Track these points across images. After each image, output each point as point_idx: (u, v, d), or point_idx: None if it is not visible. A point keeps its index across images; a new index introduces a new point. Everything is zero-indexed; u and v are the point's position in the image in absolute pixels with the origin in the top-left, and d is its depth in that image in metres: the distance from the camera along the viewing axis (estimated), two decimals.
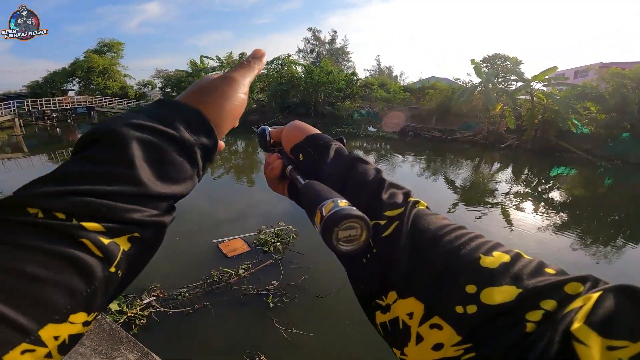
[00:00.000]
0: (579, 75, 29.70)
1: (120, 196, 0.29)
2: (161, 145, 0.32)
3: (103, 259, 0.28)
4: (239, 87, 0.41)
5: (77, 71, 34.16)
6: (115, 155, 0.30)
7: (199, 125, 0.36)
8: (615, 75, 14.97)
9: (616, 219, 8.49)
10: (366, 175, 0.42)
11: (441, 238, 0.33)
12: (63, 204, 0.27)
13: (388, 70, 52.33)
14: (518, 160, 14.99)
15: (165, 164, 0.32)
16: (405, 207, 0.37)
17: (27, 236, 0.25)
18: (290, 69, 27.84)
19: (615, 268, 5.61)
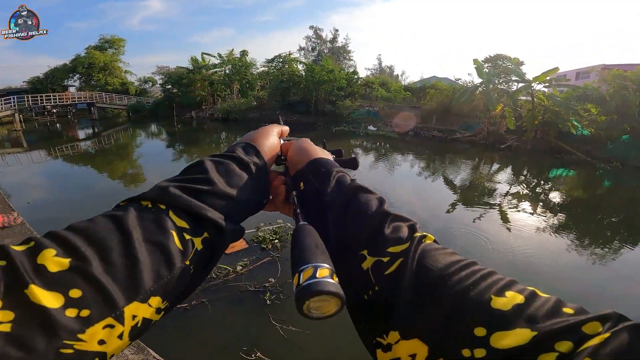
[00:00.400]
0: (581, 77, 29.70)
1: (200, 193, 0.39)
2: (226, 162, 0.45)
3: (182, 251, 0.35)
4: (272, 132, 0.57)
5: (78, 67, 34.09)
6: (197, 169, 0.43)
7: (251, 150, 0.50)
8: (617, 77, 14.95)
9: (614, 221, 8.50)
10: (368, 206, 0.41)
11: (450, 277, 0.32)
12: (164, 197, 0.37)
13: (389, 70, 52.27)
14: (517, 161, 14.99)
15: (230, 174, 0.44)
16: (411, 243, 0.36)
17: (133, 223, 0.33)
18: (291, 67, 27.81)
19: (612, 269, 5.61)
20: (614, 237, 7.22)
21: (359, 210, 0.41)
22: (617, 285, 5.12)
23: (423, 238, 0.37)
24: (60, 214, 7.05)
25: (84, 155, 15.10)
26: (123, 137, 22.18)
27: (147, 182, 10.11)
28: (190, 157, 14.61)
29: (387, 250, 0.36)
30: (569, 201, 9.80)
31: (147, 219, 0.34)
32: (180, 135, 22.03)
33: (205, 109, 28.98)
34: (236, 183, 0.44)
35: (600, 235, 7.23)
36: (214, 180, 0.41)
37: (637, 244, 6.74)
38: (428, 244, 0.37)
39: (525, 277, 5.11)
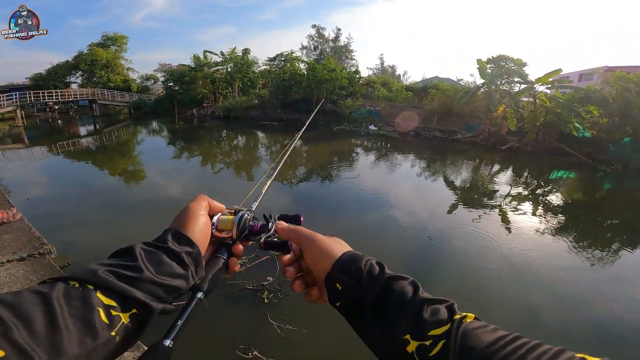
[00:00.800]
0: (584, 78, 29.61)
1: (129, 279, 0.44)
2: (156, 252, 0.49)
3: (108, 324, 0.40)
4: (197, 214, 0.58)
5: (81, 64, 34.14)
6: (127, 257, 0.47)
7: (182, 239, 0.53)
8: (620, 79, 14.88)
9: (613, 223, 8.48)
10: (404, 294, 0.45)
11: (495, 353, 0.33)
12: (92, 279, 0.42)
13: (391, 69, 52.12)
14: (518, 163, 14.95)
15: (159, 263, 0.48)
16: (452, 324, 0.38)
17: (58, 298, 0.38)
18: (293, 65, 27.78)
19: (610, 271, 5.60)
20: (614, 239, 7.21)
21: (397, 300, 0.45)
22: (615, 287, 5.11)
23: (463, 318, 0.40)
24: (59, 209, 7.06)
25: (85, 152, 15.12)
26: (124, 134, 22.19)
27: (147, 179, 10.12)
28: (191, 155, 14.62)
29: (429, 334, 0.39)
30: (569, 203, 9.78)
31: (74, 297, 0.39)
32: (181, 133, 22.04)
33: (207, 106, 28.98)
34: (165, 271, 0.48)
35: (599, 237, 7.21)
36: (142, 268, 0.46)
37: (636, 246, 6.73)
38: (469, 323, 0.39)
39: (525, 278, 5.10)
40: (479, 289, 4.73)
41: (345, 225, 6.81)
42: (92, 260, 2.01)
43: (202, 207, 0.60)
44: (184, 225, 0.55)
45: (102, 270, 0.43)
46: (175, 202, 7.84)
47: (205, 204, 0.61)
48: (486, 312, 4.21)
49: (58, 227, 6.00)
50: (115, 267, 0.45)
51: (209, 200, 0.63)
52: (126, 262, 0.46)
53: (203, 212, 0.59)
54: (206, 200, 0.62)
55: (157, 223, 6.45)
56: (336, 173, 11.49)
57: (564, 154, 15.46)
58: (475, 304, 4.37)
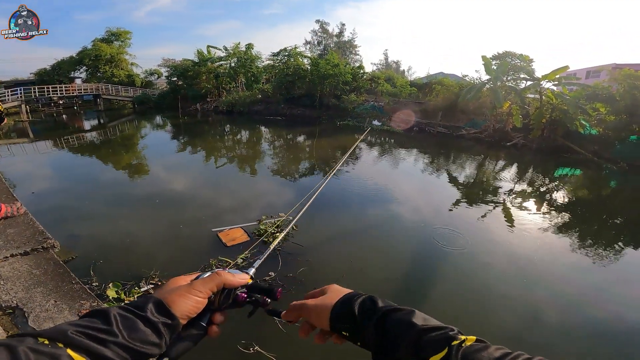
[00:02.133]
0: (591, 76, 29.26)
1: (102, 341, 0.45)
2: (132, 318, 0.50)
3: None
4: (195, 293, 0.58)
5: (85, 59, 34.17)
6: (102, 320, 0.48)
7: (163, 310, 0.53)
8: (628, 77, 14.66)
9: (617, 222, 8.40)
10: (401, 324, 0.48)
11: None
12: (63, 338, 0.43)
13: (395, 65, 51.73)
14: (523, 160, 14.83)
15: (133, 329, 0.49)
16: (450, 349, 0.41)
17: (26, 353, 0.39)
18: (296, 60, 27.66)
19: (614, 271, 5.54)
20: (618, 238, 7.13)
21: (395, 333, 0.48)
22: (618, 288, 5.06)
23: (462, 342, 0.42)
24: (64, 204, 7.10)
25: (90, 146, 15.18)
26: (128, 128, 22.26)
27: (150, 173, 10.15)
28: (194, 149, 14.64)
29: None
30: (573, 201, 9.70)
31: (43, 352, 0.40)
32: (185, 127, 22.06)
33: (210, 101, 28.97)
34: (138, 337, 0.49)
35: (603, 236, 7.15)
36: (116, 332, 0.47)
37: (639, 246, 6.65)
38: (469, 346, 0.41)
39: (528, 276, 5.07)
40: (482, 287, 4.71)
41: (349, 220, 6.80)
42: (96, 254, 2.00)
43: (200, 290, 0.59)
44: (169, 298, 0.56)
45: (72, 330, 0.44)
46: (180, 196, 7.86)
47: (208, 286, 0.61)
48: (489, 312, 4.20)
49: (62, 221, 6.04)
50: (86, 329, 0.46)
51: (225, 275, 0.63)
52: (99, 325, 0.47)
53: (200, 295, 0.59)
54: (213, 283, 0.61)
55: (160, 217, 6.48)
56: (339, 168, 11.45)
57: (569, 152, 15.31)
58: (478, 303, 4.36)
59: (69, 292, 2.65)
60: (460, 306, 4.28)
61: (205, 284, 0.60)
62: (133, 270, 4.37)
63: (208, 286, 0.60)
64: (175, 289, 0.58)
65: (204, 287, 0.59)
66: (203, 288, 0.59)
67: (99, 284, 3.98)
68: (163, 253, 5.01)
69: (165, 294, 0.57)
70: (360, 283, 4.54)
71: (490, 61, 17.46)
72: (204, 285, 0.60)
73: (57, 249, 3.40)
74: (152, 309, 0.53)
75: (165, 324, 0.52)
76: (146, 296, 0.56)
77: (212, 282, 0.61)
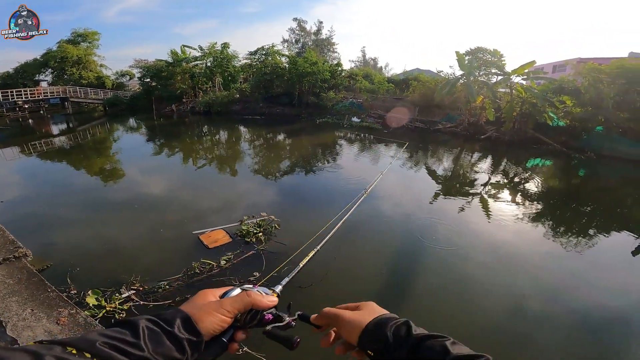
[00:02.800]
0: (557, 70, 30.52)
1: (128, 354, 0.46)
2: (158, 331, 0.51)
3: None
4: (223, 312, 0.58)
5: (50, 61, 32.60)
6: (130, 332, 0.50)
7: (189, 327, 0.54)
8: (592, 70, 15.43)
9: (588, 209, 8.84)
10: (434, 354, 0.50)
11: None
12: (91, 349, 0.44)
13: (373, 62, 52.17)
14: (497, 152, 15.36)
15: (159, 344, 0.50)
16: None
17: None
18: (274, 59, 27.46)
19: (587, 258, 5.79)
20: (589, 225, 7.49)
21: None
22: (593, 274, 5.30)
23: None
24: (36, 212, 6.80)
25: (60, 152, 14.54)
26: (100, 132, 21.44)
27: (126, 177, 9.85)
28: (171, 152, 14.30)
29: None
30: (546, 190, 10.14)
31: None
32: (160, 129, 21.50)
33: (187, 102, 28.34)
34: (162, 352, 0.50)
35: (576, 224, 7.50)
36: (142, 346, 0.48)
37: (610, 232, 7.01)
38: None
39: (506, 266, 5.28)
40: (464, 279, 4.85)
41: (332, 217, 6.84)
42: (72, 262, 1.96)
43: (228, 307, 0.60)
44: (197, 315, 0.56)
45: (101, 342, 0.45)
46: (159, 200, 7.68)
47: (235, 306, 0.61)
48: (473, 303, 4.34)
49: (34, 230, 5.78)
50: (115, 341, 0.47)
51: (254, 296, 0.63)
52: (128, 337, 0.48)
53: (227, 312, 0.59)
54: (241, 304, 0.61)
55: (138, 222, 6.31)
56: (320, 165, 11.50)
57: (539, 143, 15.98)
58: (462, 295, 4.50)
59: (46, 300, 2.56)
60: (443, 299, 4.41)
61: (234, 303, 0.60)
62: (112, 276, 4.25)
63: (236, 306, 0.60)
64: (204, 306, 0.58)
65: (232, 306, 0.59)
66: (231, 308, 0.59)
67: (78, 292, 3.85)
68: (143, 258, 4.90)
69: (194, 310, 0.57)
70: (344, 280, 4.60)
71: (464, 57, 17.94)
72: (233, 305, 0.60)
73: (30, 258, 3.27)
74: (180, 325, 0.53)
75: (190, 341, 0.53)
76: (175, 310, 0.56)
77: (241, 302, 0.61)
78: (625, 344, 3.75)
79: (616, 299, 4.56)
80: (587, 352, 3.63)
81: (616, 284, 4.98)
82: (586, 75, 15.82)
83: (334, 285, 4.39)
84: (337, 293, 4.24)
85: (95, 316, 3.43)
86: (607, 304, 4.40)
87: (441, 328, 0.82)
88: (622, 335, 3.86)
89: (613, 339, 3.81)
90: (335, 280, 4.49)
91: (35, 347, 0.41)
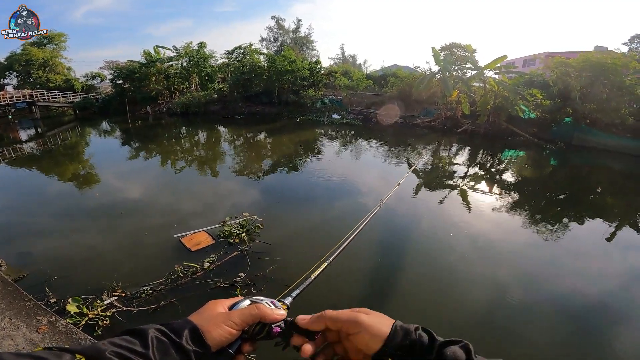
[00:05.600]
0: (527, 64, 31.66)
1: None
2: (167, 343, 0.52)
3: None
4: (231, 324, 0.58)
5: (15, 65, 31.03)
6: (140, 342, 0.51)
7: (196, 337, 0.55)
8: (560, 64, 16.13)
9: (561, 198, 9.25)
10: (455, 356, 0.50)
11: None
12: (99, 357, 0.45)
13: (352, 59, 52.35)
14: (473, 144, 15.83)
15: (167, 354, 0.51)
16: None
17: None
18: (252, 57, 27.16)
19: (563, 246, 6.04)
20: (563, 213, 7.83)
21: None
22: (568, 260, 5.56)
23: None
24: (8, 221, 6.51)
25: (30, 158, 13.90)
26: (71, 136, 20.62)
27: (102, 183, 9.55)
28: (149, 155, 13.95)
29: None
30: (520, 180, 10.55)
31: None
32: (135, 132, 20.89)
33: (162, 103, 27.64)
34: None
35: (550, 212, 7.83)
36: (150, 357, 0.50)
37: (583, 220, 7.35)
38: None
39: (487, 256, 5.48)
40: (447, 270, 4.99)
41: (315, 213, 6.89)
42: (49, 270, 1.93)
43: (236, 319, 0.59)
44: (204, 326, 0.57)
45: (110, 351, 0.46)
46: (138, 204, 7.50)
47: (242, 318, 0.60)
48: (456, 295, 4.47)
49: (7, 239, 5.55)
50: (124, 350, 0.48)
51: (264, 309, 0.61)
52: (137, 347, 0.50)
53: (235, 323, 0.59)
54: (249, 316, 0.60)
55: (117, 228, 6.16)
56: (302, 163, 11.52)
57: (513, 135, 16.59)
58: (446, 287, 4.64)
59: (23, 309, 2.49)
60: (426, 288, 4.54)
61: (242, 316, 0.59)
62: (93, 283, 4.15)
63: (244, 319, 0.59)
64: (213, 318, 0.58)
65: (240, 319, 0.59)
66: (239, 320, 0.59)
67: (57, 300, 3.74)
68: (124, 264, 4.79)
69: (202, 322, 0.57)
70: (330, 277, 4.65)
71: (439, 52, 18.34)
72: (241, 317, 0.59)
73: (4, 268, 3.15)
74: (188, 337, 0.54)
75: (197, 353, 0.53)
76: (184, 320, 0.57)
77: (250, 315, 0.60)
78: (603, 329, 3.93)
79: (593, 285, 4.79)
80: (566, 338, 3.79)
81: (593, 271, 5.23)
82: (554, 69, 16.53)
83: (338, 292, 4.43)
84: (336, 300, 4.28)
85: (78, 324, 3.36)
86: (585, 291, 4.60)
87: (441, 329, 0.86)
88: (600, 321, 4.04)
89: (591, 325, 3.97)
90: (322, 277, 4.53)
91: (44, 353, 0.41)
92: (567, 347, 3.67)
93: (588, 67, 15.08)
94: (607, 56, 15.42)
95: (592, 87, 15.18)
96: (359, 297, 4.31)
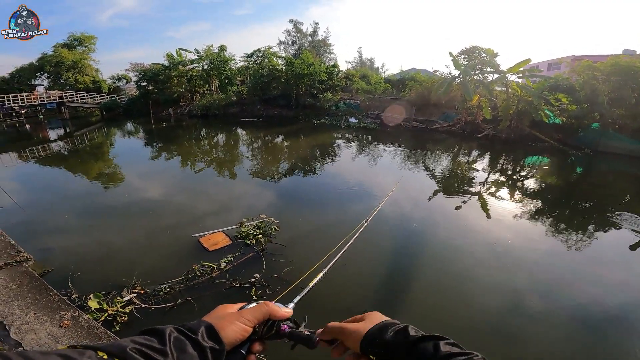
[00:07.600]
0: (552, 68, 30.68)
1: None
2: (184, 340, 0.54)
3: None
4: (243, 321, 0.61)
5: (46, 66, 32.53)
6: (158, 339, 0.52)
7: (212, 335, 0.57)
8: (587, 68, 15.56)
9: (587, 206, 8.88)
10: (427, 353, 0.54)
11: None
12: (122, 355, 0.46)
13: (370, 62, 52.26)
14: (494, 150, 15.43)
15: (183, 352, 0.52)
16: None
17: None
18: (271, 61, 27.51)
19: (586, 255, 5.82)
20: (588, 222, 7.52)
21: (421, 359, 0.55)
22: (591, 269, 5.33)
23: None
24: (35, 217, 6.79)
25: (58, 157, 14.51)
26: (97, 136, 21.41)
27: (125, 181, 9.85)
28: (170, 155, 14.30)
29: None
30: (544, 188, 10.20)
31: None
32: (158, 133, 21.48)
33: (184, 105, 28.34)
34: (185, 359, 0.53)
35: (574, 221, 7.53)
36: (168, 352, 0.51)
37: (608, 228, 7.03)
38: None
39: (506, 263, 5.32)
40: (464, 276, 4.88)
41: (330, 216, 6.87)
42: (72, 266, 1.99)
43: (247, 317, 0.63)
44: (219, 324, 0.59)
45: (131, 347, 0.48)
46: (158, 203, 7.68)
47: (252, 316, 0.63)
48: (472, 299, 4.37)
49: (34, 235, 5.79)
50: (144, 347, 0.50)
51: (272, 306, 0.66)
52: (156, 344, 0.51)
53: (246, 321, 0.62)
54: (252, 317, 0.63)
55: (138, 226, 6.32)
56: (319, 166, 11.53)
57: (536, 140, 16.07)
58: (461, 292, 4.53)
59: (48, 304, 2.58)
60: (442, 294, 4.44)
61: (253, 312, 0.63)
62: (113, 280, 4.26)
63: (255, 315, 0.63)
64: (226, 316, 0.61)
65: (252, 315, 0.62)
66: (251, 317, 0.62)
67: (79, 295, 3.86)
68: (143, 261, 4.91)
69: (215, 320, 0.60)
70: (343, 279, 4.62)
71: (458, 57, 18.03)
72: (252, 314, 0.63)
73: (31, 263, 3.28)
74: (204, 333, 0.56)
75: (213, 349, 0.55)
76: (199, 320, 0.60)
77: (260, 312, 0.64)
78: (621, 341, 3.76)
79: (614, 295, 4.59)
80: (582, 348, 3.65)
81: (614, 280, 5.01)
82: (581, 72, 15.95)
83: (343, 298, 4.40)
84: (346, 305, 4.25)
85: (98, 319, 3.45)
86: (605, 301, 4.42)
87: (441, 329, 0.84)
88: (621, 335, 3.86)
89: (610, 338, 3.81)
90: (334, 279, 4.51)
91: (68, 351, 0.43)
92: None
93: (617, 70, 14.49)
94: (636, 60, 14.79)
95: (621, 91, 14.58)
96: (375, 299, 4.25)
